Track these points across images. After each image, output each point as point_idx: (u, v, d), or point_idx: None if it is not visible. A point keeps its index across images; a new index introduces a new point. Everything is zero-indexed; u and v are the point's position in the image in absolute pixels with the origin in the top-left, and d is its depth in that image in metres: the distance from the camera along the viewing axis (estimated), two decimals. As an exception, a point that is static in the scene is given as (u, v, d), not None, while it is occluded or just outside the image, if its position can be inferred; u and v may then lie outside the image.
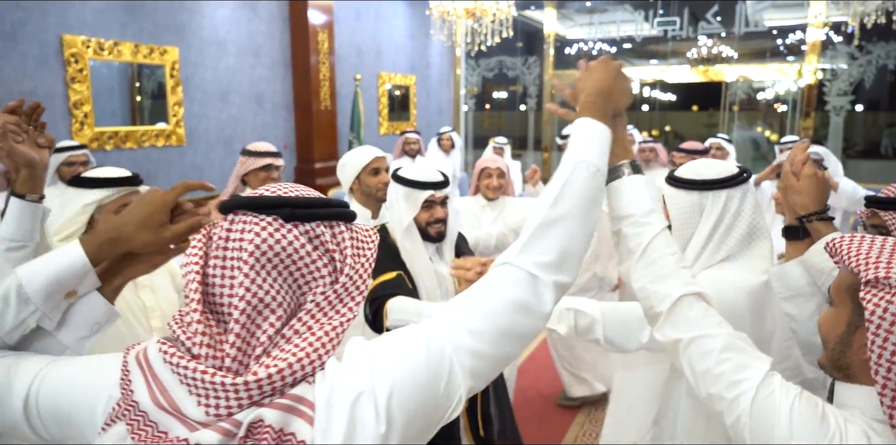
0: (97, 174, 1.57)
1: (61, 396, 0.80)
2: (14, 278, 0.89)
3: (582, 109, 1.06)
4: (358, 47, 7.58)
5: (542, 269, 0.87)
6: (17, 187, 1.32)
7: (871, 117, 9.49)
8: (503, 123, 10.88)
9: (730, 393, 0.94)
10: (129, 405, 0.75)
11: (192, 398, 0.73)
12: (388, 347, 0.81)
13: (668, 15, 8.46)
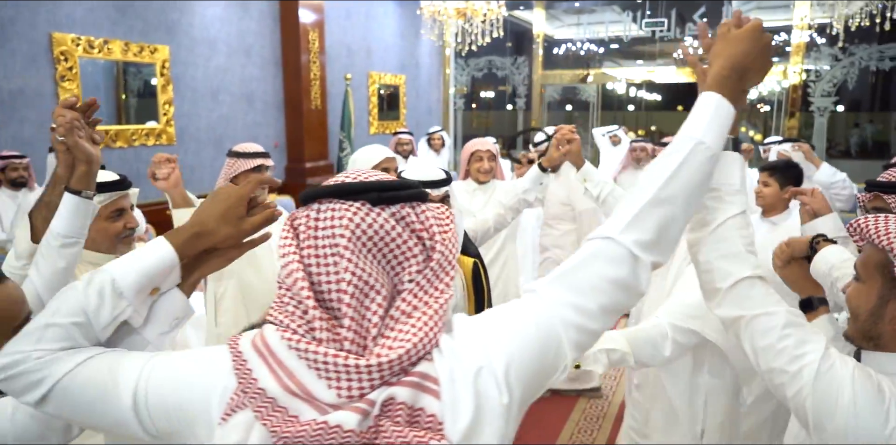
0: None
1: (171, 389, 0.81)
2: (106, 274, 0.89)
3: (713, 82, 1.00)
4: (348, 47, 7.57)
5: (643, 249, 0.88)
6: (73, 183, 1.34)
7: (853, 118, 9.66)
8: (492, 122, 10.92)
9: (792, 367, 1.00)
10: (255, 392, 0.76)
11: (322, 381, 0.75)
12: (497, 322, 0.84)
13: (656, 16, 8.54)
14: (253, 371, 0.77)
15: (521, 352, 0.81)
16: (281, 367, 0.77)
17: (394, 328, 0.78)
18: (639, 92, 11.07)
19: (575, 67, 9.55)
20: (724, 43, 1.03)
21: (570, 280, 0.88)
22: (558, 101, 10.16)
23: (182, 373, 0.82)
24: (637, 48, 9.38)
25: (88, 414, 0.84)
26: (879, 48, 7.58)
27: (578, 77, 9.44)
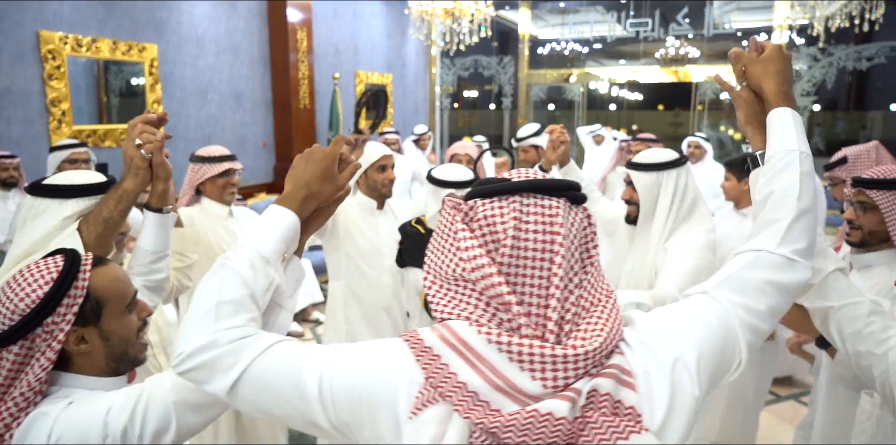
0: (65, 181, 1.37)
1: (356, 380, 0.81)
2: (248, 247, 0.91)
3: (779, 99, 1.10)
4: (335, 46, 7.56)
5: (800, 255, 0.98)
6: (155, 202, 1.37)
7: (829, 117, 9.87)
8: (478, 121, 10.97)
9: (879, 349, 1.17)
10: (454, 386, 0.76)
11: (526, 373, 0.76)
12: (681, 317, 0.89)
13: (640, 16, 8.65)
14: (450, 366, 0.78)
15: (709, 346, 0.84)
16: (481, 361, 0.77)
17: (588, 320, 0.81)
18: (620, 91, 11.21)
19: (559, 66, 9.63)
20: (763, 65, 1.13)
21: (737, 284, 0.93)
22: (544, 100, 10.24)
23: (366, 364, 0.82)
24: (621, 48, 9.49)
25: (275, 402, 0.83)
26: (856, 49, 7.76)
27: (563, 76, 9.53)
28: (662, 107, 13.08)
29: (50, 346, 0.98)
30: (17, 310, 0.98)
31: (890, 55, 7.65)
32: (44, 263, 1.02)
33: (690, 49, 8.82)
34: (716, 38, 8.63)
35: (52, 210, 1.33)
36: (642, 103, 12.34)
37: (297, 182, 0.99)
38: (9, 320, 0.98)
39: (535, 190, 0.82)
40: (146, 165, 1.30)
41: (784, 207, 1.00)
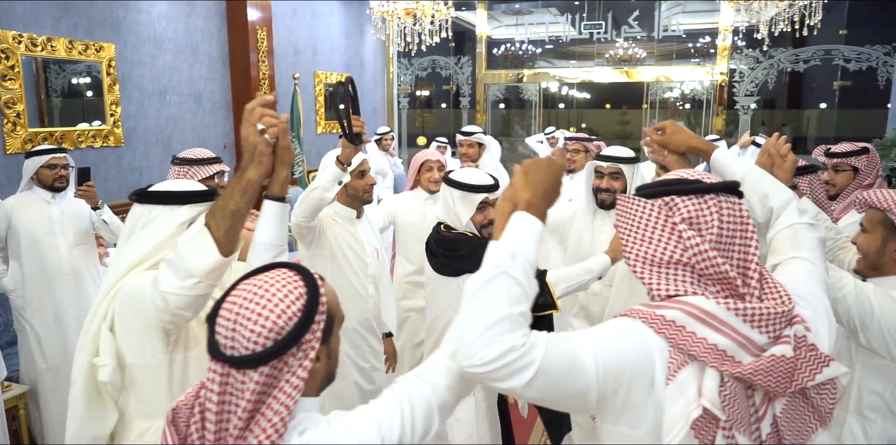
0: (171, 187, 1.38)
1: (618, 355, 1.00)
2: (521, 257, 0.99)
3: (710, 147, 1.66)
4: (294, 46, 7.49)
5: (813, 219, 1.35)
6: (277, 190, 1.26)
7: (769, 115, 10.37)
8: (437, 121, 11.04)
9: (839, 293, 1.51)
10: (707, 348, 0.99)
11: (755, 330, 1.01)
12: (805, 275, 1.20)
13: (594, 19, 8.91)
14: (697, 333, 1.00)
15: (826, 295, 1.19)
16: (724, 325, 1.01)
17: (764, 286, 1.08)
18: (570, 91, 11.46)
19: (516, 66, 9.80)
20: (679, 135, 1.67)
21: (807, 245, 1.27)
22: (501, 99, 10.40)
23: (623, 342, 1.02)
24: (575, 49, 9.72)
25: (560, 389, 0.98)
26: (794, 51, 8.22)
27: (519, 77, 9.70)
28: (609, 106, 13.42)
29: (302, 365, 0.91)
30: (276, 328, 0.89)
31: (824, 58, 8.14)
32: (276, 277, 0.95)
33: (639, 50, 9.13)
34: (665, 40, 8.97)
35: (164, 217, 1.33)
36: (591, 102, 12.64)
37: (536, 191, 1.06)
38: (265, 338, 0.89)
39: (725, 190, 1.09)
40: (270, 151, 1.22)
41: (779, 194, 1.37)
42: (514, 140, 11.21)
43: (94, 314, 1.30)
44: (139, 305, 1.26)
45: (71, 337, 2.97)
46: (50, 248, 2.87)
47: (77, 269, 2.95)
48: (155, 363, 1.29)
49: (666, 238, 1.06)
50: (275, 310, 0.90)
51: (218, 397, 0.89)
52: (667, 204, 1.07)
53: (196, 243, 1.19)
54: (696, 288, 1.05)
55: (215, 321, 0.93)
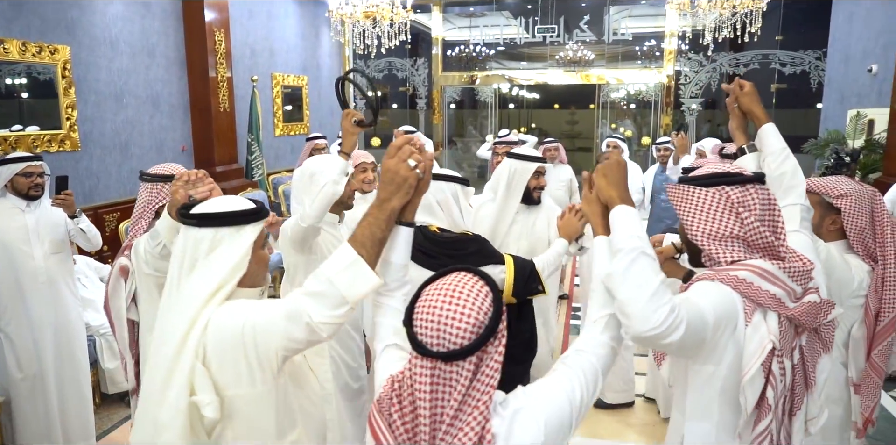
0: (223, 207, 1.34)
1: (718, 307, 1.32)
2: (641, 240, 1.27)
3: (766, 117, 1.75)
4: (251, 47, 7.41)
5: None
6: (409, 216, 1.35)
7: (711, 115, 10.87)
8: (394, 122, 11.08)
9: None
10: (770, 297, 1.34)
11: (794, 282, 1.38)
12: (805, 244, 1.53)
13: (547, 23, 9.15)
14: (762, 287, 1.34)
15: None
16: (777, 279, 1.35)
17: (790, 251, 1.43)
18: (520, 92, 11.70)
19: (471, 68, 9.95)
20: (750, 97, 1.76)
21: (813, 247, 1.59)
22: (458, 101, 10.53)
23: (717, 297, 1.33)
24: (526, 51, 9.95)
25: (694, 339, 1.27)
26: (735, 56, 8.66)
27: (474, 78, 9.86)
28: (558, 106, 13.73)
29: (498, 351, 1.05)
30: (477, 323, 1.03)
31: (762, 62, 8.62)
32: (461, 281, 1.08)
33: (587, 52, 9.43)
34: (614, 43, 9.29)
35: (230, 239, 1.31)
36: (540, 102, 12.89)
37: (620, 187, 1.35)
38: (470, 333, 1.02)
39: (759, 181, 1.41)
40: (415, 183, 1.29)
41: (797, 177, 1.63)
42: (468, 141, 11.38)
43: (180, 352, 1.25)
44: (261, 338, 1.27)
45: (47, 346, 2.91)
46: (25, 257, 2.79)
47: (53, 278, 2.88)
48: (263, 392, 1.31)
49: (726, 218, 1.38)
50: (473, 308, 1.04)
51: (430, 387, 1.03)
52: (721, 191, 1.38)
53: (352, 272, 1.25)
54: (747, 255, 1.38)
55: (412, 324, 1.06)
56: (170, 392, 1.23)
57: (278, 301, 1.31)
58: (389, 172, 1.28)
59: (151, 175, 2.24)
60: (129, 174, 5.58)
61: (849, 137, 6.36)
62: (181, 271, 1.31)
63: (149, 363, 1.33)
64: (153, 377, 1.28)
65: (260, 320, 1.26)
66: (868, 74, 6.46)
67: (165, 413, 1.22)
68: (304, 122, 8.80)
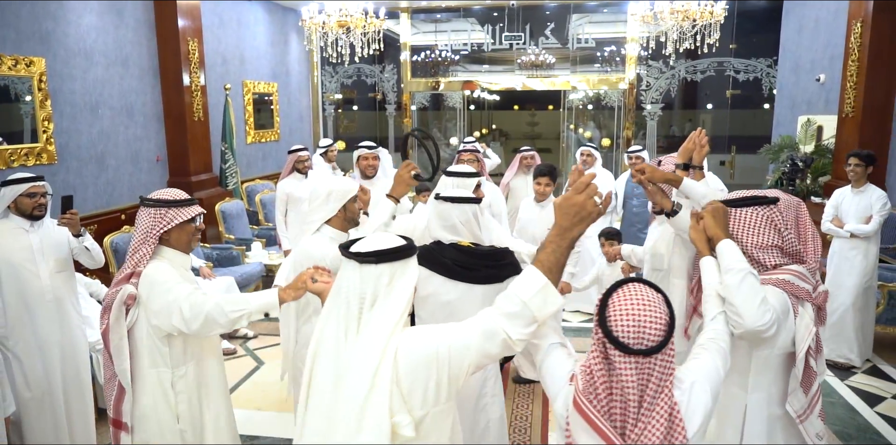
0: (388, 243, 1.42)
1: (779, 306, 1.76)
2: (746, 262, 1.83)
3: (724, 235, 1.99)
4: (223, 55, 7.39)
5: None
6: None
7: (670, 117, 11.30)
8: (364, 127, 11.14)
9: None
10: (806, 292, 1.85)
11: (812, 279, 1.92)
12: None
13: (514, 30, 9.40)
14: (800, 285, 1.83)
15: None
16: (807, 278, 1.85)
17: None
18: (482, 94, 11.87)
19: (439, 74, 10.11)
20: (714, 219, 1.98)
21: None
22: (427, 106, 10.66)
23: (777, 299, 1.78)
24: (491, 55, 10.15)
25: (777, 332, 1.74)
26: (693, 63, 9.07)
27: (435, 84, 10.03)
28: (518, 107, 13.97)
29: (672, 340, 1.35)
30: (665, 322, 1.33)
31: (717, 69, 9.05)
32: (642, 290, 1.38)
33: (549, 57, 9.71)
34: (578, 50, 9.61)
35: (402, 271, 1.39)
36: (500, 104, 13.03)
37: (724, 227, 1.88)
38: (662, 331, 1.32)
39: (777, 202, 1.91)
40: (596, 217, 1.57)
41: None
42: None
43: (374, 381, 1.32)
44: (455, 356, 1.38)
45: (55, 365, 2.92)
46: (32, 276, 2.81)
47: (59, 296, 2.90)
48: (445, 408, 1.41)
49: (767, 232, 1.87)
50: (660, 312, 1.33)
51: (636, 378, 1.31)
52: (760, 211, 1.88)
53: (543, 295, 1.41)
54: (783, 260, 1.87)
55: (611, 329, 1.33)
56: (368, 420, 1.30)
57: (466, 323, 1.44)
58: (577, 205, 1.44)
59: (155, 201, 2.16)
60: (105, 186, 5.53)
61: (800, 142, 6.78)
62: (362, 306, 1.37)
63: (319, 400, 1.39)
64: (339, 410, 1.34)
65: (455, 340, 1.39)
66: (816, 83, 6.90)
67: (366, 438, 1.30)
68: (274, 129, 8.80)
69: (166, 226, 2.13)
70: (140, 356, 2.13)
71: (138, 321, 2.11)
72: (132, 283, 2.08)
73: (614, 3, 9.32)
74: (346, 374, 1.35)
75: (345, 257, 1.41)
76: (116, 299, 2.05)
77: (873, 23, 5.42)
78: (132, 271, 2.11)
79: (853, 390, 3.97)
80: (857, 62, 5.63)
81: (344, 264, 1.42)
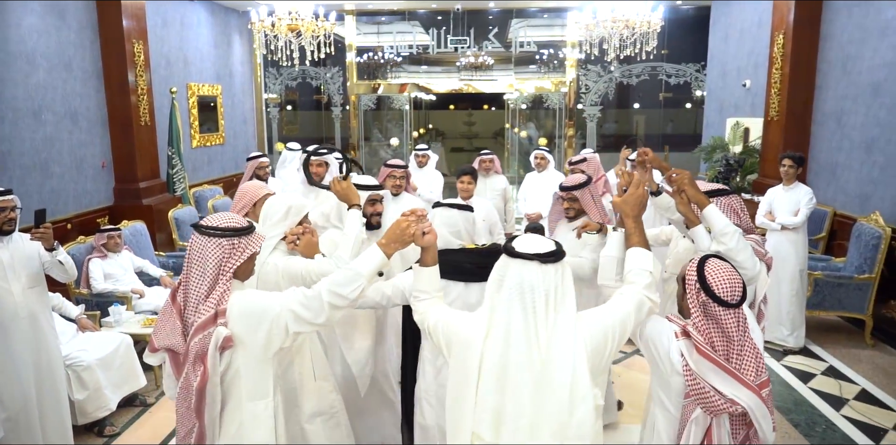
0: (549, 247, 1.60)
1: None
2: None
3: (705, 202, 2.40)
4: (166, 57, 7.20)
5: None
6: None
7: (605, 115, 11.80)
8: (310, 129, 11.05)
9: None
10: (762, 255, 2.37)
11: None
12: None
13: (459, 34, 9.58)
14: (760, 250, 2.37)
15: None
16: (761, 246, 2.40)
17: None
18: (418, 94, 11.99)
19: (384, 76, 10.18)
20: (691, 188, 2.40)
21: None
22: (373, 108, 10.69)
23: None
24: (433, 57, 10.29)
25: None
26: (628, 67, 9.53)
27: (377, 86, 10.10)
28: (453, 107, 14.18)
29: None
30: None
31: (651, 73, 9.55)
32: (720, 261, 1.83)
33: (488, 59, 9.96)
34: (521, 54, 9.91)
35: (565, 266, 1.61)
36: (435, 104, 13.13)
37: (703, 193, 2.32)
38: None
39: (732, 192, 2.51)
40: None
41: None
42: (375, 145, 11.54)
43: (576, 363, 1.53)
44: (619, 333, 1.68)
45: (30, 383, 2.85)
46: (5, 293, 2.72)
47: (33, 312, 2.83)
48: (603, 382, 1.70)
49: (730, 215, 2.33)
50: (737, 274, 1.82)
51: (742, 327, 1.77)
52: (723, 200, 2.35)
53: (654, 263, 1.92)
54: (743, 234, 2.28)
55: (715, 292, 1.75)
56: (577, 398, 1.51)
57: (619, 301, 1.76)
58: (641, 197, 2.00)
59: (223, 229, 1.83)
60: (50, 195, 5.32)
61: (730, 143, 7.29)
62: (548, 299, 1.54)
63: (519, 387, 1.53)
64: (548, 394, 1.52)
65: (619, 317, 1.70)
66: (743, 87, 7.42)
67: (583, 410, 1.51)
68: (219, 132, 8.63)
69: (241, 258, 1.84)
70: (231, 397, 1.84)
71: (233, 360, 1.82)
72: (220, 323, 1.76)
73: (554, 9, 9.66)
74: (549, 361, 1.52)
75: (521, 258, 1.55)
76: (210, 346, 1.74)
77: (794, 35, 5.91)
78: (215, 310, 1.77)
79: (788, 369, 4.37)
80: (780, 70, 6.12)
81: (517, 264, 1.56)
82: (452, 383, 1.64)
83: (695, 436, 1.71)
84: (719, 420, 1.71)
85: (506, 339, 1.53)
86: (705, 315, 1.72)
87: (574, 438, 1.50)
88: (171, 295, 1.86)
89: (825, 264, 5.13)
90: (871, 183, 5.08)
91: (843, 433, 3.51)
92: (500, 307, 1.55)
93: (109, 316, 4.11)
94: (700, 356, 1.68)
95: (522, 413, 1.51)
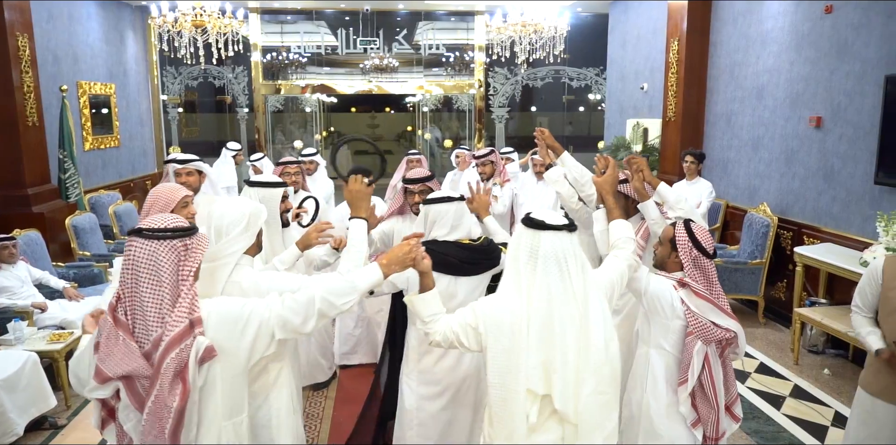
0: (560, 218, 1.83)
1: None
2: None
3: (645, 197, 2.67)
4: (54, 53, 6.64)
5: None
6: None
7: (516, 119, 12.21)
8: (213, 130, 10.57)
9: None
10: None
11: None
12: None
13: (368, 36, 9.54)
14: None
15: None
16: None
17: None
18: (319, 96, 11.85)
19: (292, 77, 9.94)
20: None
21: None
22: (280, 109, 10.40)
23: None
24: (340, 58, 10.19)
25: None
26: (533, 71, 9.91)
27: (279, 87, 9.89)
28: (355, 109, 14.13)
29: None
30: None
31: (554, 76, 9.98)
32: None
33: (393, 61, 10.02)
34: (430, 56, 10.03)
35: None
36: (336, 106, 12.99)
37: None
38: None
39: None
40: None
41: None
42: (278, 147, 11.26)
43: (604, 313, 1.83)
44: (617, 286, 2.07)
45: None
46: None
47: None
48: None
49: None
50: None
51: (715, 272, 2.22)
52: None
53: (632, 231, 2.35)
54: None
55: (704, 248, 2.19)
56: (611, 347, 1.79)
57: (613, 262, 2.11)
58: (616, 177, 2.48)
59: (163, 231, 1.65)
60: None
61: (632, 142, 7.77)
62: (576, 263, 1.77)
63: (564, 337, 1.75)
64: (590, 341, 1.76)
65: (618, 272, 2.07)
66: (640, 90, 7.94)
67: (613, 348, 1.79)
68: (114, 134, 8.07)
69: (197, 259, 1.66)
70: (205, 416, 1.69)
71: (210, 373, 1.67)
72: (198, 333, 1.59)
73: (461, 13, 9.86)
74: (586, 313, 1.76)
75: (553, 229, 1.77)
76: (190, 358, 1.57)
77: (687, 41, 6.41)
78: (189, 319, 1.60)
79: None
80: (675, 74, 6.62)
81: (549, 235, 1.77)
82: (499, 360, 1.77)
83: (698, 363, 2.15)
84: (712, 347, 2.16)
85: (549, 301, 1.73)
86: (695, 267, 2.16)
87: (608, 372, 1.78)
88: (110, 315, 1.61)
89: (722, 251, 5.60)
90: (758, 177, 5.61)
91: (750, 402, 3.86)
92: (538, 275, 1.75)
93: (8, 333, 3.75)
94: (699, 299, 2.13)
95: (568, 361, 1.73)
